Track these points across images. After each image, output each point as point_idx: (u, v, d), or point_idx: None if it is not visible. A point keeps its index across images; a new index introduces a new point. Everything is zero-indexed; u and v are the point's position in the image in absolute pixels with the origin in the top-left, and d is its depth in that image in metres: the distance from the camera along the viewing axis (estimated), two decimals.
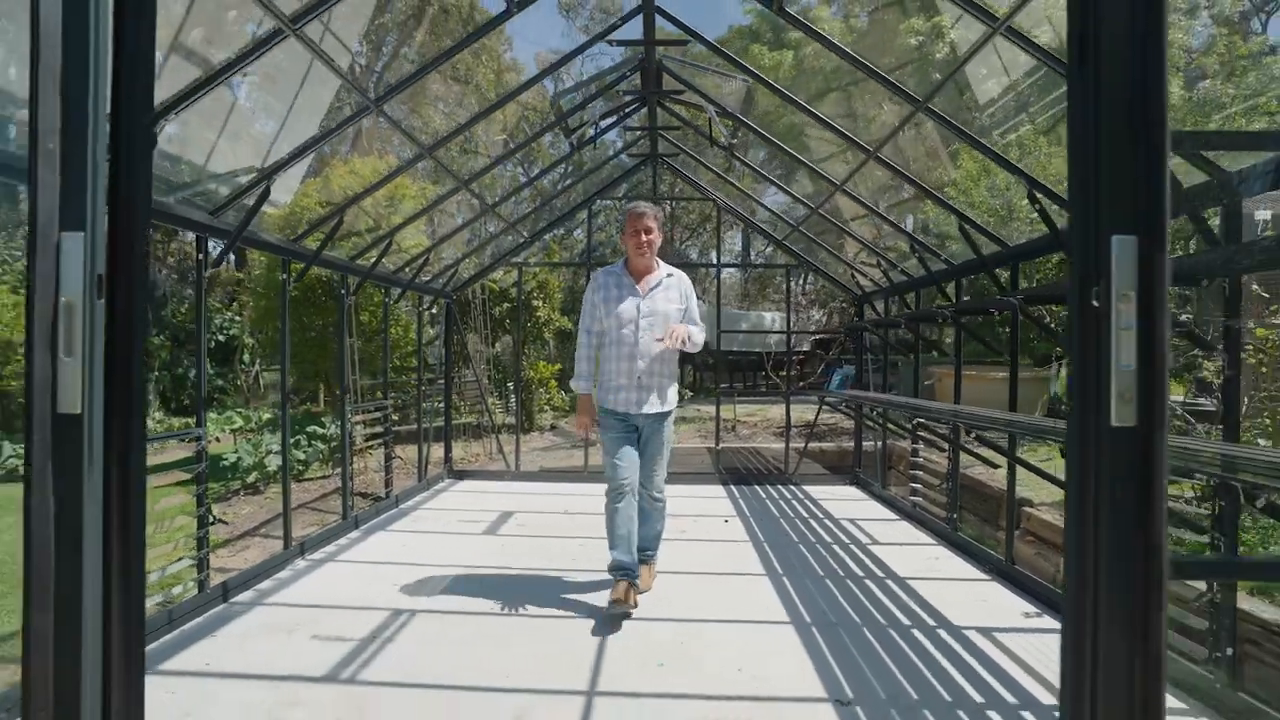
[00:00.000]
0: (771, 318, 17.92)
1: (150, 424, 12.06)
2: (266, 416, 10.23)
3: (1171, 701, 2.48)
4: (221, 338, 14.98)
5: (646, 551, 3.65)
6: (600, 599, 3.39)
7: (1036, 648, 2.95)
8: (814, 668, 2.76)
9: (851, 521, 5.19)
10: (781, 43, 13.19)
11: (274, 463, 7.06)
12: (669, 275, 3.53)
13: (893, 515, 5.37)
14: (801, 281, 20.38)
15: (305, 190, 8.28)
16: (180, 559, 3.49)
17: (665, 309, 3.42)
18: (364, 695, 2.53)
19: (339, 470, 7.93)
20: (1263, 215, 6.05)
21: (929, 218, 6.51)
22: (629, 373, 3.39)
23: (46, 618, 0.89)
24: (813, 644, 2.99)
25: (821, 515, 5.44)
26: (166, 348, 14.20)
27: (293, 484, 4.98)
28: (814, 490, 6.34)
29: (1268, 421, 3.53)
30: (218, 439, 9.76)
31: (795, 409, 7.19)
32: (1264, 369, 3.96)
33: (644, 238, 3.39)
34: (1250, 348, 3.57)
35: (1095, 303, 0.86)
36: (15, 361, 12.21)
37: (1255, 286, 3.66)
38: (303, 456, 7.40)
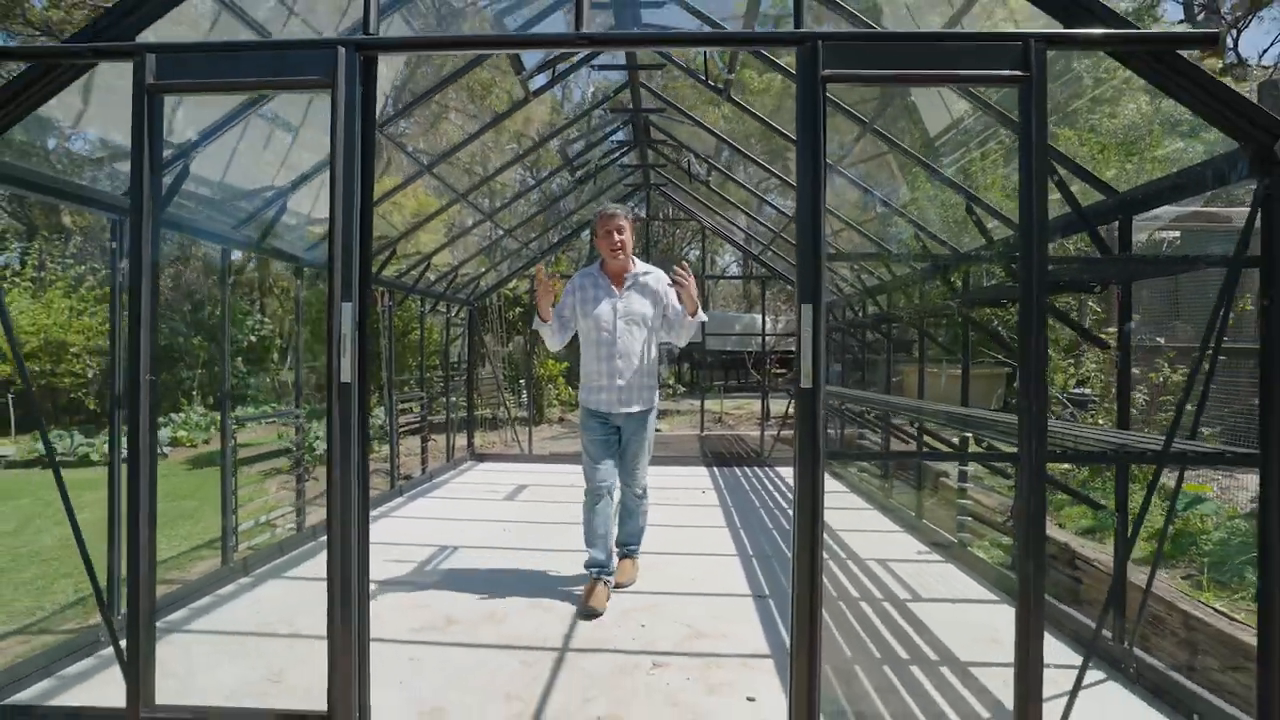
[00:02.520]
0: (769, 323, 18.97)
1: (195, 417, 13.23)
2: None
3: (986, 594, 3.57)
4: (254, 338, 16.11)
5: (629, 546, 3.76)
6: None
7: (916, 571, 4.02)
8: (745, 579, 3.86)
9: None
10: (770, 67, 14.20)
11: (320, 446, 8.21)
12: (645, 274, 3.51)
13: (844, 489, 6.45)
14: None
15: None
16: (274, 509, 4.66)
17: (643, 309, 3.44)
18: (427, 593, 3.64)
19: (372, 455, 9.10)
20: (1166, 235, 7.06)
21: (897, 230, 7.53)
22: (609, 373, 3.42)
23: (336, 486, 2.01)
24: (750, 568, 4.09)
25: (785, 489, 6.52)
26: (204, 347, 15.36)
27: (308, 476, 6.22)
28: (784, 470, 7.41)
29: (1110, 406, 4.60)
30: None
31: (781, 402, 8.25)
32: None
33: (617, 238, 3.38)
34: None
35: (799, 333, 1.95)
36: (67, 360, 13.41)
37: (1091, 303, 4.72)
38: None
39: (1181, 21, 20.36)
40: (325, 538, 4.43)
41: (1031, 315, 1.88)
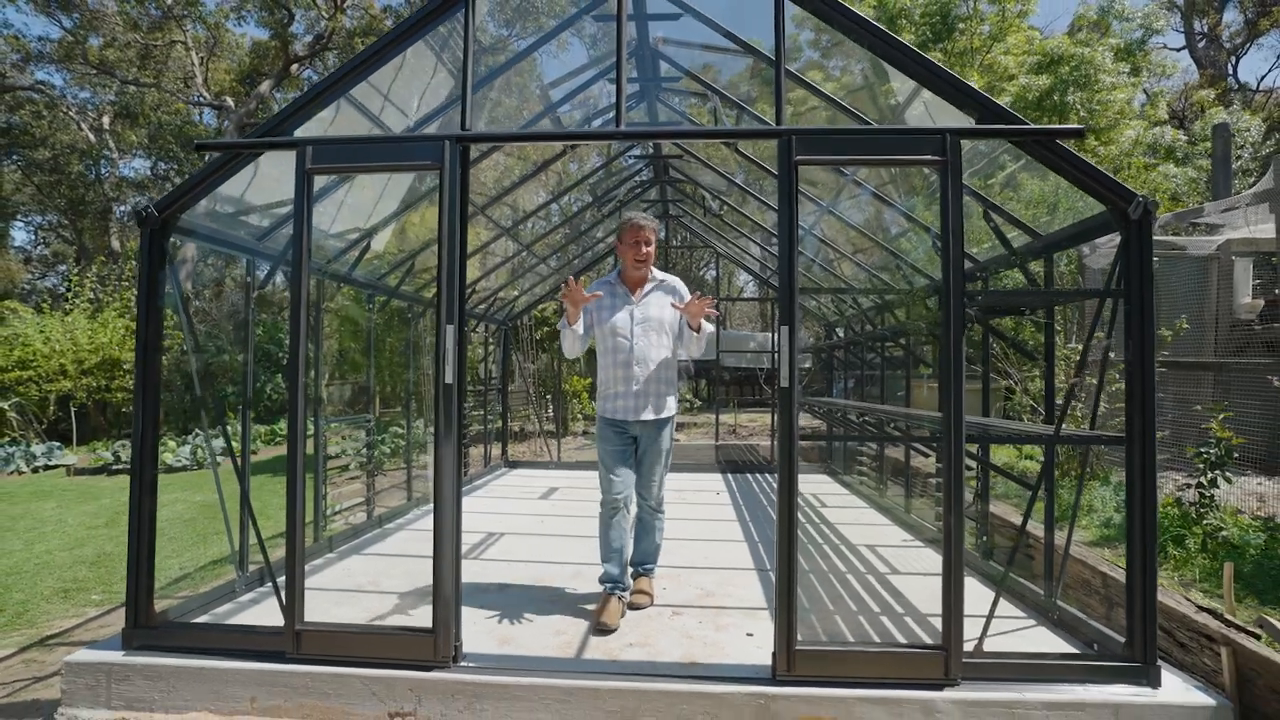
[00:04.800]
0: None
1: (225, 433, 14.12)
2: (329, 426, 12.25)
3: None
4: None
5: (646, 565, 3.71)
6: None
7: (899, 554, 4.66)
8: (751, 558, 4.54)
9: (814, 496, 6.91)
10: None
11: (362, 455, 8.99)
12: (661, 282, 3.52)
13: (844, 491, 7.09)
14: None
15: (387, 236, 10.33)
16: (338, 505, 5.43)
17: (659, 315, 3.43)
18: (482, 564, 4.36)
19: (406, 466, 9.91)
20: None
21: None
22: (625, 379, 3.41)
23: (443, 461, 2.74)
24: (755, 550, 4.76)
25: None
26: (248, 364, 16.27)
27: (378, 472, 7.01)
28: None
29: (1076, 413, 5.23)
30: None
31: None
32: (1087, 375, 5.65)
33: (643, 250, 3.39)
34: (1062, 359, 5.27)
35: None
36: (121, 376, 14.39)
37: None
38: (389, 450, 9.33)
39: (1183, 48, 20.99)
40: (389, 525, 5.18)
41: (950, 337, 2.58)
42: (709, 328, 3.40)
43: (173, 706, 2.73)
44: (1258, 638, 2.58)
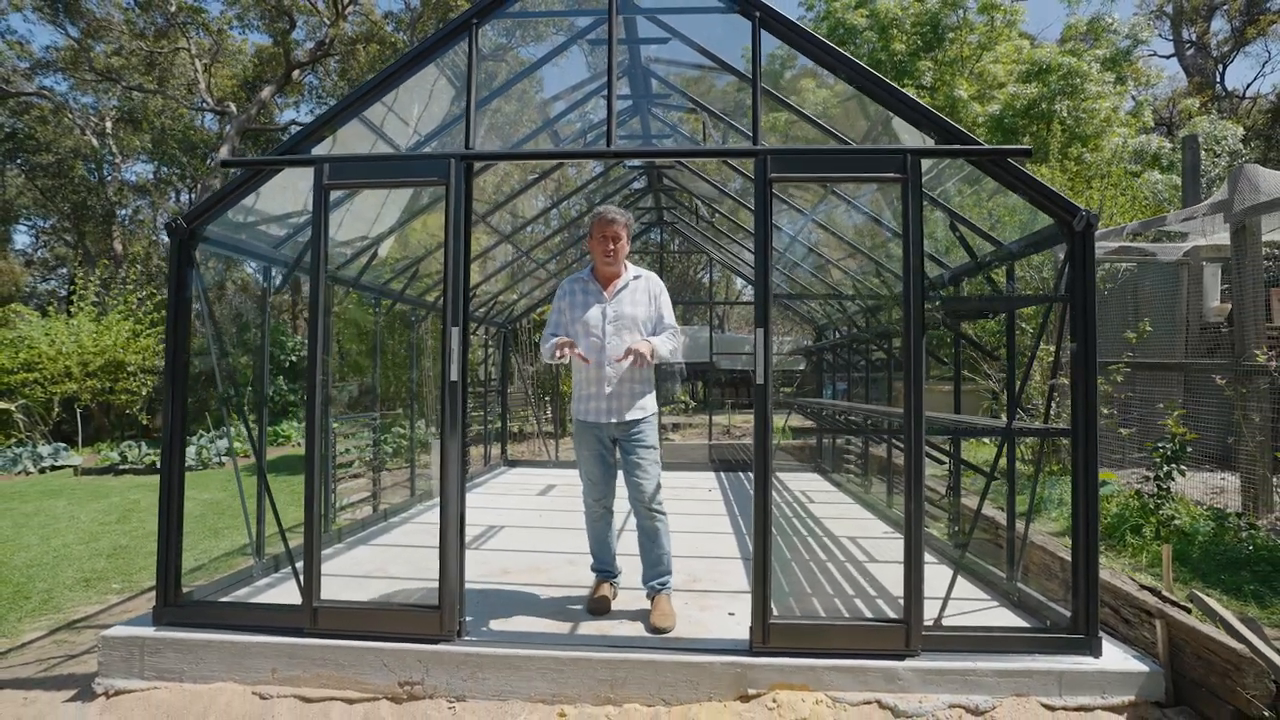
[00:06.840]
0: (776, 342, 19.92)
1: (247, 429, 14.35)
2: (334, 425, 12.51)
3: (927, 558, 4.45)
4: (295, 359, 17.26)
5: (661, 580, 3.44)
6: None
7: (878, 544, 4.91)
8: (738, 548, 4.79)
9: (802, 492, 7.16)
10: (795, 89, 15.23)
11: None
12: (636, 278, 3.40)
13: (831, 488, 7.34)
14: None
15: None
16: (345, 500, 5.68)
17: (633, 312, 3.31)
18: (484, 554, 4.61)
19: (408, 464, 10.16)
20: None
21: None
22: (598, 380, 3.30)
23: (446, 457, 2.99)
24: (743, 542, 5.01)
25: (780, 488, 7.42)
26: (250, 366, 16.52)
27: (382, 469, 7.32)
28: (784, 475, 8.31)
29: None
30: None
31: (779, 417, 9.15)
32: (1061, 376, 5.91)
33: (611, 245, 3.28)
34: (1040, 360, 5.52)
35: (751, 350, 2.92)
36: (125, 378, 14.62)
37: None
38: (391, 450, 9.58)
39: (1172, 55, 21.32)
40: (394, 519, 5.43)
41: (910, 337, 2.84)
42: (662, 354, 3.30)
43: (200, 677, 2.98)
44: (1189, 611, 2.83)
